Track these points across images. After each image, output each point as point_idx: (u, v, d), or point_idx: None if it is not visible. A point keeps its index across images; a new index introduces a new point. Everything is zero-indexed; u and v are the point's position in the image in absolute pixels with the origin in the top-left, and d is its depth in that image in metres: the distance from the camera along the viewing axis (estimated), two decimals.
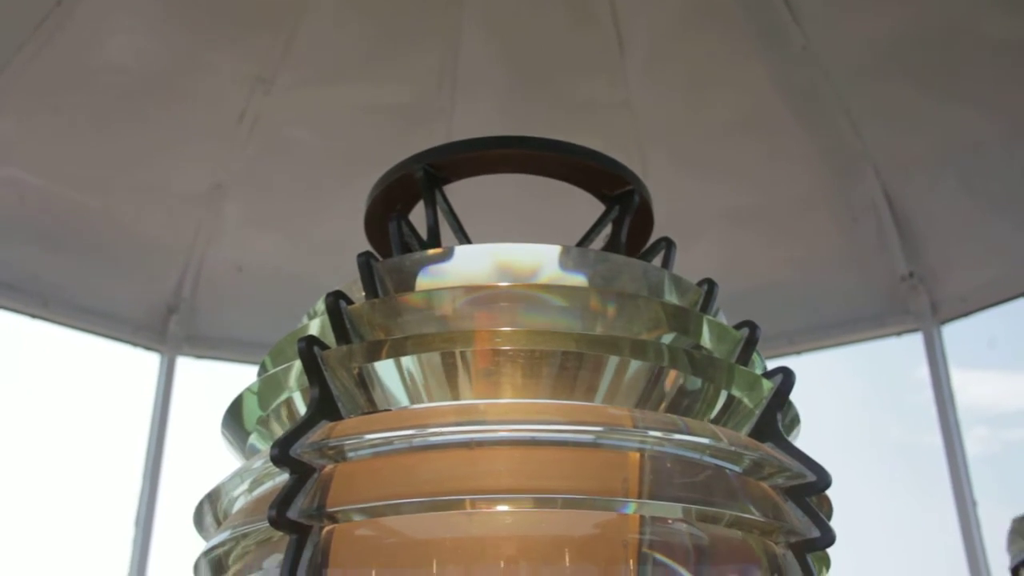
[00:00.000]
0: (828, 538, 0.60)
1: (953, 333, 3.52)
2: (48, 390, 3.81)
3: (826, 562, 0.67)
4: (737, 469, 0.61)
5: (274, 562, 0.61)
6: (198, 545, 0.73)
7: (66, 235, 3.54)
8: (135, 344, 3.60)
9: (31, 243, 3.49)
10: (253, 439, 0.72)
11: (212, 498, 0.69)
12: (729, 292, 0.73)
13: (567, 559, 0.55)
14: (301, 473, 0.58)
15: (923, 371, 3.52)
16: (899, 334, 3.56)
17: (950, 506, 3.31)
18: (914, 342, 3.54)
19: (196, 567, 0.71)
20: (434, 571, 0.55)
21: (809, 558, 0.61)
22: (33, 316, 3.40)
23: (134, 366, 3.69)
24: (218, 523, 0.69)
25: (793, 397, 0.70)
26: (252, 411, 0.67)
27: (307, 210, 3.77)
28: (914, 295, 3.46)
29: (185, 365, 3.67)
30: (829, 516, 0.64)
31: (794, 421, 0.70)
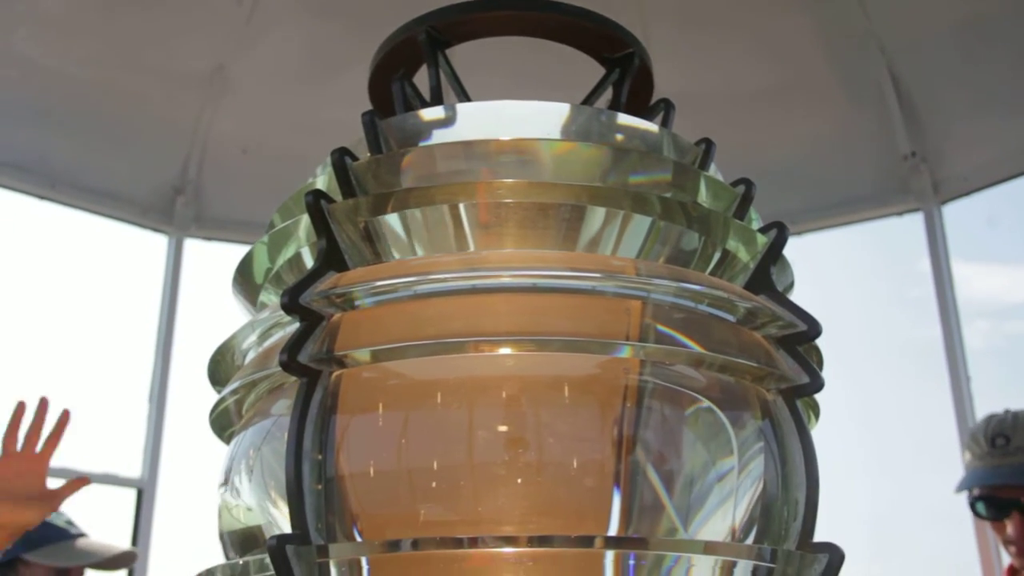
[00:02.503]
0: (817, 384, 0.63)
1: (954, 213, 3.53)
2: (58, 272, 3.85)
3: (815, 411, 0.70)
4: (731, 318, 0.63)
5: (283, 408, 0.64)
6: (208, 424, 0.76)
7: (72, 117, 3.54)
8: (143, 226, 3.63)
9: (37, 125, 3.48)
10: (263, 297, 0.74)
11: (224, 351, 0.72)
12: (730, 171, 0.74)
13: (567, 398, 0.58)
14: (310, 320, 0.60)
15: (924, 260, 3.54)
16: (900, 214, 3.57)
17: (946, 384, 3.36)
18: (915, 223, 3.55)
19: (212, 418, 0.74)
20: (438, 410, 0.58)
21: (799, 404, 0.64)
22: (41, 198, 3.42)
23: (143, 248, 3.72)
24: (231, 375, 0.72)
25: (794, 274, 0.72)
26: (262, 263, 0.69)
27: (311, 90, 3.74)
28: (916, 175, 3.46)
29: (193, 247, 3.70)
30: (819, 365, 0.66)
31: (790, 286, 0.73)
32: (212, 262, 3.77)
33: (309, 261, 0.68)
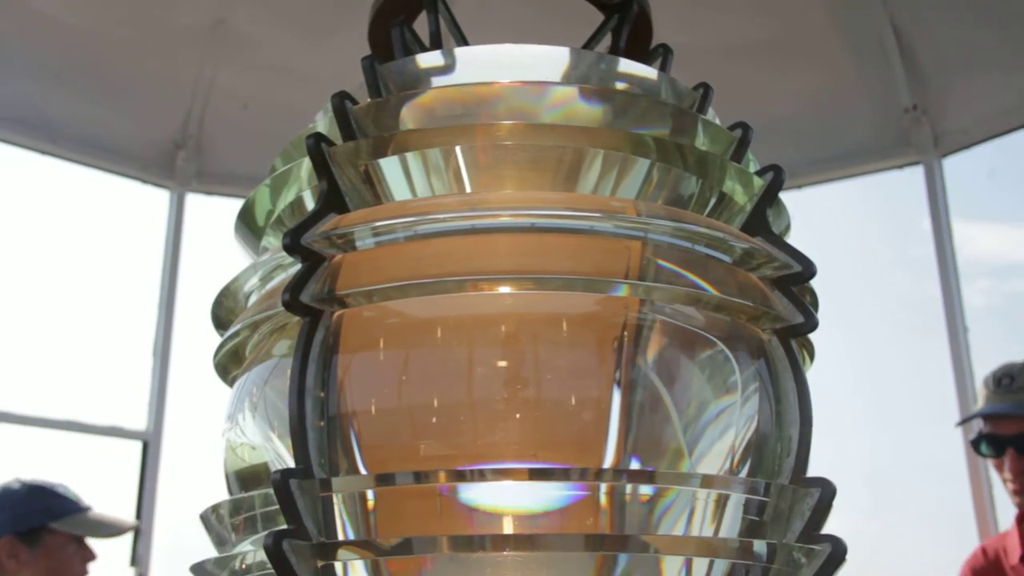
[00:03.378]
0: (811, 323, 0.64)
1: (954, 166, 3.53)
2: (61, 227, 3.86)
3: (810, 352, 0.71)
4: (728, 259, 0.64)
5: (286, 348, 0.65)
6: (212, 375, 0.77)
7: (71, 71, 3.52)
8: (144, 181, 3.62)
9: (37, 79, 3.47)
10: (265, 242, 0.75)
11: (227, 294, 0.73)
12: (729, 123, 0.75)
13: (565, 335, 0.59)
14: (312, 261, 0.61)
15: (924, 217, 3.53)
16: (901, 167, 3.56)
17: (944, 341, 3.37)
18: (915, 176, 3.54)
19: (216, 361, 0.75)
20: (438, 347, 0.59)
21: (793, 344, 0.65)
22: (42, 152, 3.42)
23: (144, 203, 3.72)
24: (234, 318, 0.73)
25: (794, 230, 0.73)
26: (263, 206, 0.70)
27: (313, 44, 3.72)
28: (917, 128, 3.45)
29: (195, 202, 3.70)
30: (814, 305, 0.67)
31: (786, 229, 0.73)
32: (214, 217, 3.78)
33: (310, 206, 0.69)
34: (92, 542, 2.15)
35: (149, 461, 2.94)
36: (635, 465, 0.57)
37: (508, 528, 0.54)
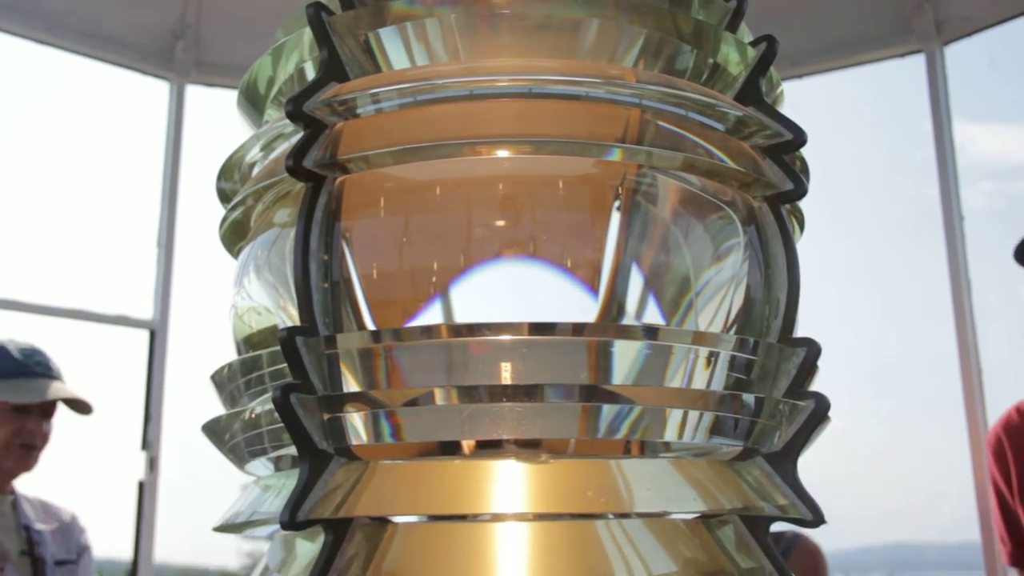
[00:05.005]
0: (800, 190, 0.65)
1: (956, 55, 3.49)
2: (62, 118, 3.85)
3: (800, 221, 0.73)
4: (721, 127, 0.65)
5: (289, 217, 0.67)
6: (216, 263, 0.79)
7: None
8: (143, 72, 3.60)
9: None
10: (266, 116, 0.76)
11: (230, 165, 0.75)
12: None
13: (562, 196, 0.60)
14: (314, 128, 0.62)
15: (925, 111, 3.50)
16: (902, 55, 3.52)
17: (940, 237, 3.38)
18: (916, 65, 3.51)
19: (221, 233, 0.77)
20: (437, 209, 0.60)
21: (783, 210, 0.67)
22: (39, 42, 3.38)
23: (144, 94, 3.70)
24: (238, 190, 0.74)
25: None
26: (265, 73, 0.71)
27: None
28: (919, 14, 3.40)
29: (195, 93, 3.68)
30: (804, 173, 0.69)
31: (779, 98, 0.74)
32: (214, 108, 3.76)
33: (311, 77, 0.70)
34: (54, 416, 2.07)
35: (156, 350, 2.99)
36: (628, 322, 0.60)
37: (507, 380, 0.56)
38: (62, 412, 2.09)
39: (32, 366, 2.05)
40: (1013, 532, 2.08)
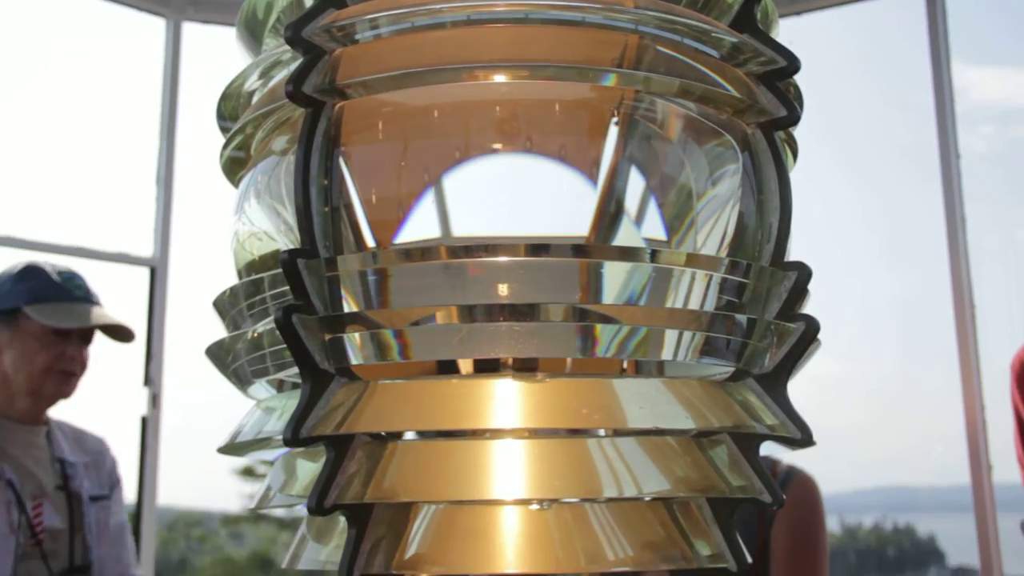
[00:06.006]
0: (794, 116, 0.66)
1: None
2: (60, 55, 3.82)
3: (794, 150, 0.74)
4: (716, 54, 0.66)
5: (288, 143, 0.68)
6: (215, 201, 0.79)
7: None
8: (139, 8, 3.57)
9: None
10: (265, 46, 0.76)
11: (230, 94, 0.75)
12: None
13: (558, 120, 0.61)
14: (313, 54, 0.63)
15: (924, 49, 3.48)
16: None
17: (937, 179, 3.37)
18: (916, 4, 3.48)
19: (222, 162, 0.78)
20: (435, 133, 0.61)
21: (776, 137, 0.67)
22: None
23: (141, 32, 3.68)
24: (237, 118, 0.75)
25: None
26: (264, 0, 0.71)
27: None
28: None
29: (191, 30, 3.65)
30: (797, 100, 0.70)
31: (773, 25, 0.75)
32: (210, 46, 3.74)
33: (310, 3, 0.70)
34: (95, 347, 2.04)
35: (157, 287, 3.01)
36: (622, 237, 0.61)
37: (504, 299, 0.57)
38: None
39: (72, 290, 2.01)
40: None
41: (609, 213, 0.61)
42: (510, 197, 0.59)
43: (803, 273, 0.64)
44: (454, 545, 0.60)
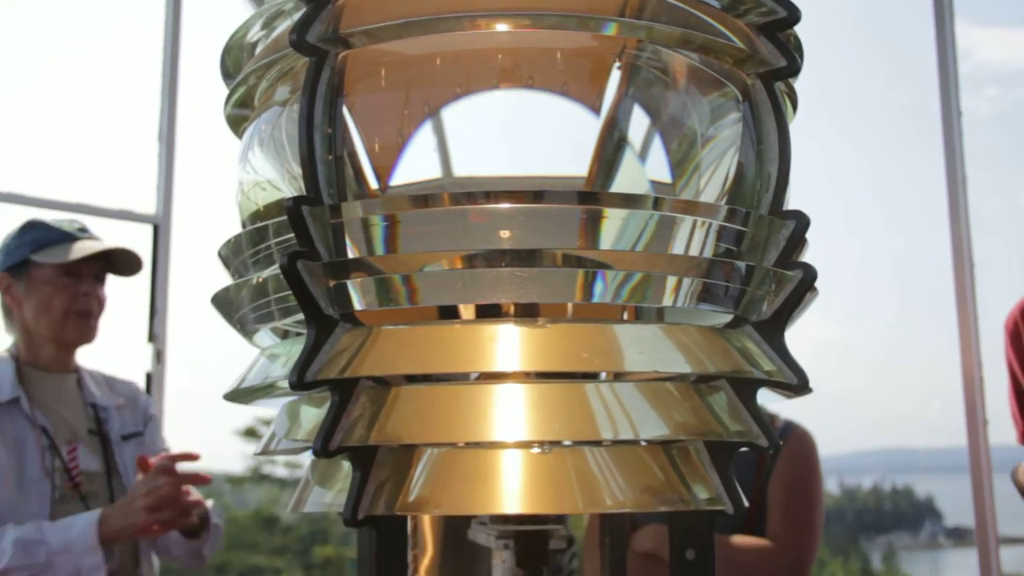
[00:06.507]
0: (793, 67, 0.67)
1: None
2: (59, 12, 3.80)
3: (794, 101, 0.74)
4: (717, 4, 0.66)
5: (288, 92, 0.69)
6: (218, 158, 0.80)
7: None
8: None
9: None
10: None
11: (233, 45, 0.75)
12: None
13: (560, 68, 0.62)
14: (317, 2, 0.63)
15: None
16: None
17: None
18: None
19: (227, 113, 0.79)
20: (437, 80, 0.62)
21: (776, 88, 0.68)
22: None
23: None
24: (241, 69, 0.76)
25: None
26: None
27: None
28: None
29: None
30: (797, 51, 0.70)
31: None
32: (213, 2, 3.72)
33: None
34: (106, 282, 2.06)
35: (160, 244, 3.02)
36: (621, 183, 0.62)
37: (505, 245, 0.58)
38: None
39: (75, 232, 2.02)
40: None
41: (608, 154, 0.61)
42: (511, 136, 0.60)
43: (801, 221, 0.64)
44: (456, 487, 0.61)
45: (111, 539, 1.81)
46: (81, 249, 2.01)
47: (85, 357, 2.13)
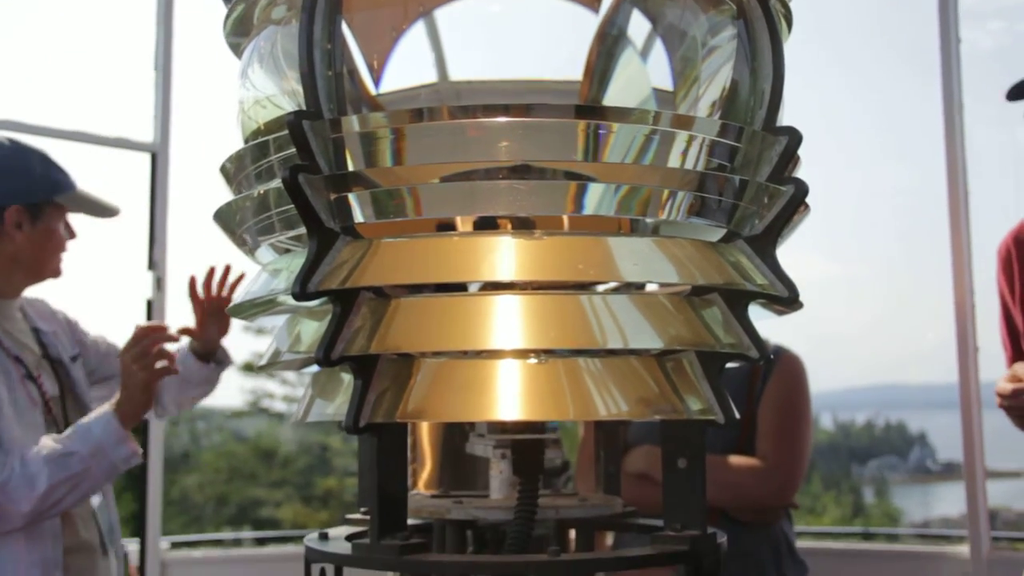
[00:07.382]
0: None
1: None
2: None
3: (788, 21, 0.75)
4: None
5: (285, 10, 0.69)
6: (216, 82, 0.80)
7: None
8: None
9: None
10: None
11: None
12: None
13: None
14: None
15: None
16: None
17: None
18: None
19: (226, 32, 0.79)
20: None
21: (772, 7, 0.68)
22: None
23: None
24: None
25: None
26: None
27: None
28: None
29: None
30: None
31: None
32: None
33: None
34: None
35: (158, 173, 3.01)
36: (618, 88, 0.63)
37: (502, 159, 0.59)
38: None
39: (73, 181, 2.05)
40: (1014, 339, 2.14)
41: (598, 73, 0.62)
42: (506, 39, 0.61)
43: (794, 137, 0.65)
44: (454, 395, 0.63)
45: (132, 419, 1.82)
46: (95, 205, 2.05)
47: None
